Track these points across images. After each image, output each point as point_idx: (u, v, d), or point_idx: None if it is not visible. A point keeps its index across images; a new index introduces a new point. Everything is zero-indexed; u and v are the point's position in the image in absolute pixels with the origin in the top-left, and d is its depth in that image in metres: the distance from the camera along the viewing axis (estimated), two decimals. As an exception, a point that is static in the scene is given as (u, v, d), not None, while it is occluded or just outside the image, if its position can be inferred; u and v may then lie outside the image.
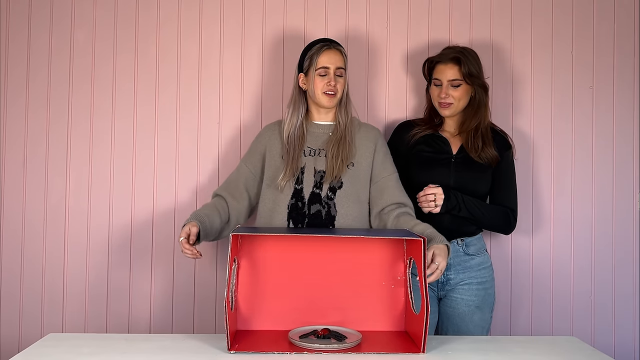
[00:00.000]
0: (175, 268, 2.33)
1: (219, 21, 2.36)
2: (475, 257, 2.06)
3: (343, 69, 1.95)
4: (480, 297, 2.03)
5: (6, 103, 2.34)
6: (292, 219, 1.89)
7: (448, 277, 2.03)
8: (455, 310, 2.04)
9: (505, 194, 2.12)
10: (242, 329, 1.70)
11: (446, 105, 2.06)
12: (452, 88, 2.04)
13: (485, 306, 2.05)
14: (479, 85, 2.06)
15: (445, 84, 2.04)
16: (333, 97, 1.94)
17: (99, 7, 2.35)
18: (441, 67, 2.06)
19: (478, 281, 2.04)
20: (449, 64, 2.04)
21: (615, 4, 2.41)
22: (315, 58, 1.93)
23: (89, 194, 2.33)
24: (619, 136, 2.41)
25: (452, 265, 2.03)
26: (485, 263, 2.07)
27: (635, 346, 2.39)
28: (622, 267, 2.39)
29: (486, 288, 2.05)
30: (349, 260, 1.73)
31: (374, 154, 1.98)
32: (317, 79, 1.93)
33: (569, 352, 1.58)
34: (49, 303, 2.32)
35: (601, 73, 2.41)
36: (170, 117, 2.35)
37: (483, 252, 2.09)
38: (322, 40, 1.97)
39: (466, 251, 2.05)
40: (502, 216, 2.09)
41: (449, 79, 2.03)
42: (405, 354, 1.53)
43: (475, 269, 2.05)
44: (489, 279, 2.07)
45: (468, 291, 2.03)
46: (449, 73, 2.03)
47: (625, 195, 2.40)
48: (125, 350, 1.53)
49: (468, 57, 2.04)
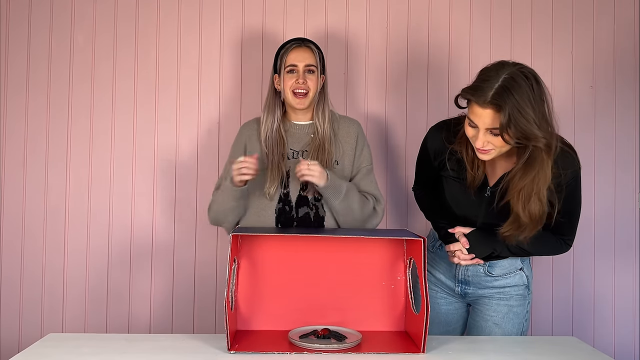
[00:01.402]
0: (175, 268, 2.33)
1: (219, 21, 2.36)
2: (501, 278, 1.81)
3: (314, 66, 1.87)
4: (501, 314, 1.80)
5: (6, 103, 2.34)
6: (281, 223, 1.87)
7: (466, 291, 1.84)
8: (475, 323, 1.86)
9: (562, 223, 1.66)
10: (242, 329, 1.70)
11: (485, 152, 1.57)
12: (492, 136, 1.53)
13: (508, 326, 1.80)
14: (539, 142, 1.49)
15: (483, 131, 1.53)
16: (303, 99, 1.86)
17: (99, 7, 2.35)
18: (477, 110, 1.50)
19: (500, 296, 1.81)
20: (488, 110, 1.48)
21: (615, 4, 2.41)
22: (284, 57, 1.88)
23: (89, 194, 2.33)
24: (619, 136, 2.41)
25: (470, 282, 1.83)
26: (515, 283, 1.80)
27: (635, 346, 2.39)
28: (622, 267, 2.39)
29: (510, 305, 1.80)
30: (349, 260, 1.73)
31: (355, 149, 1.93)
32: (286, 78, 1.87)
33: (569, 352, 1.58)
34: (49, 303, 2.32)
35: (601, 73, 2.41)
36: (170, 116, 2.35)
37: (513, 273, 1.81)
38: (295, 39, 1.92)
39: (489, 272, 1.81)
40: (550, 247, 1.73)
41: (487, 127, 1.51)
42: (405, 354, 1.53)
43: (499, 288, 1.81)
44: (515, 295, 1.80)
45: (488, 305, 1.82)
46: (488, 121, 1.49)
47: (625, 195, 2.40)
48: (125, 350, 1.53)
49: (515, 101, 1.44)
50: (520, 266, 1.82)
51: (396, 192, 2.39)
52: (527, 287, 1.84)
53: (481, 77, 1.53)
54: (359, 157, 1.93)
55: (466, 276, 1.84)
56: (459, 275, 1.84)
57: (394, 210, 2.40)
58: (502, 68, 1.51)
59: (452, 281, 1.86)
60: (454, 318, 1.91)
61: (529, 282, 1.84)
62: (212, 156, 2.35)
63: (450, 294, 1.89)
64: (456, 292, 1.87)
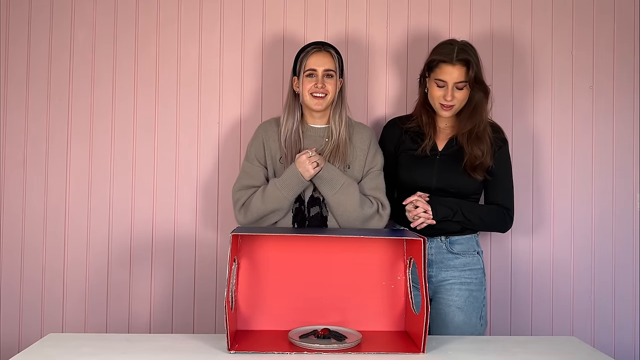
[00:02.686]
0: (175, 268, 2.34)
1: (219, 21, 2.36)
2: (461, 256, 1.98)
3: (333, 71, 1.93)
4: (463, 298, 1.95)
5: (6, 103, 2.34)
6: (297, 222, 1.92)
7: (429, 274, 1.97)
8: (438, 311, 1.97)
9: (501, 192, 2.02)
10: (242, 329, 1.70)
11: (448, 108, 1.95)
12: (457, 90, 1.93)
13: (470, 310, 1.94)
14: (482, 89, 1.97)
15: (451, 86, 1.92)
16: (321, 100, 1.92)
17: (99, 7, 2.35)
18: (448, 68, 1.91)
19: (461, 281, 1.96)
20: (457, 66, 1.90)
21: (615, 4, 2.41)
22: (304, 61, 1.93)
23: (89, 193, 2.33)
24: (619, 136, 2.41)
25: (433, 262, 1.97)
26: (473, 265, 1.99)
27: (635, 346, 2.39)
28: (622, 267, 2.39)
29: (471, 290, 1.96)
30: (349, 260, 1.73)
31: (367, 154, 1.98)
32: (306, 81, 1.93)
33: (569, 352, 1.58)
34: (49, 303, 2.32)
35: (601, 73, 2.41)
36: (170, 116, 2.35)
37: (472, 253, 2.00)
38: (315, 43, 1.97)
39: (450, 249, 1.98)
40: (497, 217, 2.01)
41: (455, 81, 1.91)
42: (405, 354, 1.53)
43: (459, 269, 1.98)
44: (474, 281, 1.97)
45: (450, 291, 1.96)
46: (456, 75, 1.90)
47: (625, 195, 2.40)
48: (125, 350, 1.53)
49: (474, 58, 1.93)
50: (478, 250, 2.02)
51: (396, 192, 2.39)
52: (483, 271, 2.02)
53: (440, 47, 1.96)
54: (371, 161, 1.98)
55: (430, 255, 1.96)
56: None
57: (394, 210, 2.40)
58: (452, 40, 1.99)
59: None
60: None
61: (484, 268, 2.04)
62: (213, 156, 2.35)
63: (417, 293, 1.94)
64: None
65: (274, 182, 1.89)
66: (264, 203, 1.88)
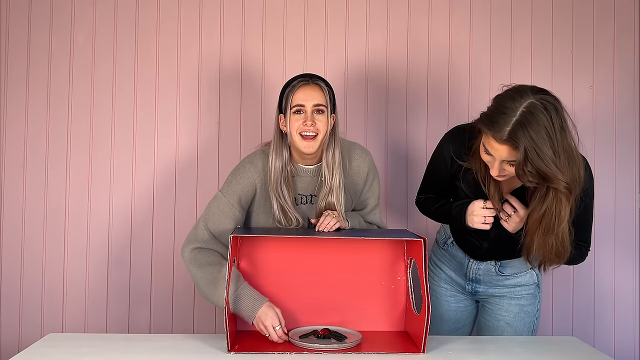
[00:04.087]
0: (175, 268, 2.33)
1: (219, 21, 2.36)
2: (512, 277, 1.81)
3: (324, 106, 1.71)
4: (513, 314, 1.81)
5: (6, 103, 2.34)
6: None
7: (476, 289, 1.84)
8: (486, 321, 1.87)
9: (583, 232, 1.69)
10: (242, 329, 1.70)
11: (501, 177, 1.56)
12: (509, 165, 1.49)
13: (520, 325, 1.81)
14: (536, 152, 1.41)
15: (499, 161, 1.50)
16: (312, 142, 1.69)
17: (99, 7, 2.35)
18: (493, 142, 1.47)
19: (511, 296, 1.82)
20: (503, 145, 1.44)
21: (615, 4, 2.41)
22: (290, 96, 1.71)
23: (89, 194, 2.33)
24: (619, 136, 2.41)
25: (482, 281, 1.83)
26: (526, 282, 1.81)
27: (635, 346, 2.39)
28: (622, 267, 2.39)
29: (521, 305, 1.81)
30: (349, 261, 1.73)
31: (365, 183, 1.85)
32: (293, 119, 1.70)
33: (569, 352, 1.58)
34: (49, 303, 2.32)
35: (601, 73, 2.41)
36: (170, 116, 2.35)
37: (524, 272, 1.81)
38: (302, 76, 1.75)
39: (500, 272, 1.81)
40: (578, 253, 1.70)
41: (503, 159, 1.49)
42: (405, 354, 1.53)
43: (510, 287, 1.82)
44: (526, 295, 1.81)
45: (499, 304, 1.83)
46: (503, 154, 1.47)
47: (625, 195, 2.40)
48: (125, 350, 1.53)
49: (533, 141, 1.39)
50: (529, 266, 1.79)
51: (396, 192, 2.39)
52: (537, 285, 1.83)
53: (498, 107, 1.46)
54: (367, 191, 1.87)
55: (477, 275, 1.83)
56: (470, 274, 1.84)
57: (394, 211, 2.40)
58: (520, 98, 1.44)
59: (463, 279, 1.86)
60: (463, 316, 1.91)
61: (539, 281, 1.84)
62: (212, 156, 2.35)
63: (460, 291, 1.89)
64: (466, 290, 1.87)
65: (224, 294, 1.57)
66: (202, 289, 1.68)
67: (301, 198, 1.81)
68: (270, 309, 1.59)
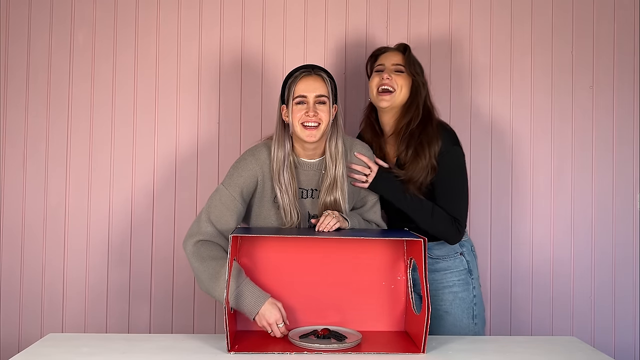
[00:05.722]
0: (175, 268, 2.33)
1: (218, 21, 2.36)
2: (441, 260, 1.93)
3: (326, 97, 1.74)
4: (448, 302, 1.91)
5: (6, 103, 2.34)
6: None
7: (414, 276, 1.84)
8: None
9: (447, 201, 1.86)
10: (242, 329, 1.70)
11: (386, 93, 1.90)
12: (395, 73, 1.92)
13: (457, 311, 1.90)
14: (420, 80, 1.93)
15: (389, 68, 1.92)
16: (314, 131, 1.72)
17: (99, 7, 2.35)
18: (386, 54, 1.98)
19: (444, 285, 1.92)
20: (394, 52, 1.97)
21: (615, 4, 2.41)
22: (293, 86, 1.75)
23: (89, 193, 2.33)
24: (619, 136, 2.41)
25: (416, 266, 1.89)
26: (455, 267, 1.92)
27: (635, 346, 2.39)
28: (622, 267, 2.39)
29: (455, 292, 1.91)
30: (349, 261, 1.73)
31: None
32: (295, 109, 1.73)
33: (569, 352, 1.58)
34: (49, 303, 2.32)
35: (601, 73, 2.41)
36: (170, 116, 2.35)
37: (453, 257, 1.93)
38: (304, 67, 1.80)
39: (430, 254, 1.92)
40: (442, 218, 1.85)
41: (393, 63, 1.93)
42: (405, 354, 1.53)
43: (442, 272, 1.93)
44: (458, 282, 1.92)
45: (435, 295, 1.92)
46: (394, 58, 1.94)
47: (625, 195, 2.40)
48: (125, 350, 1.53)
49: (411, 51, 1.98)
50: (460, 250, 1.94)
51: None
52: (469, 271, 1.94)
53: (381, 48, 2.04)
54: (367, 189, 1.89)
55: None
56: None
57: (394, 210, 2.40)
58: None
59: None
60: None
61: (470, 267, 1.95)
62: (213, 155, 2.35)
63: None
64: None
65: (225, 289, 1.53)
66: (204, 283, 1.68)
67: (303, 192, 1.82)
68: (273, 305, 1.61)
